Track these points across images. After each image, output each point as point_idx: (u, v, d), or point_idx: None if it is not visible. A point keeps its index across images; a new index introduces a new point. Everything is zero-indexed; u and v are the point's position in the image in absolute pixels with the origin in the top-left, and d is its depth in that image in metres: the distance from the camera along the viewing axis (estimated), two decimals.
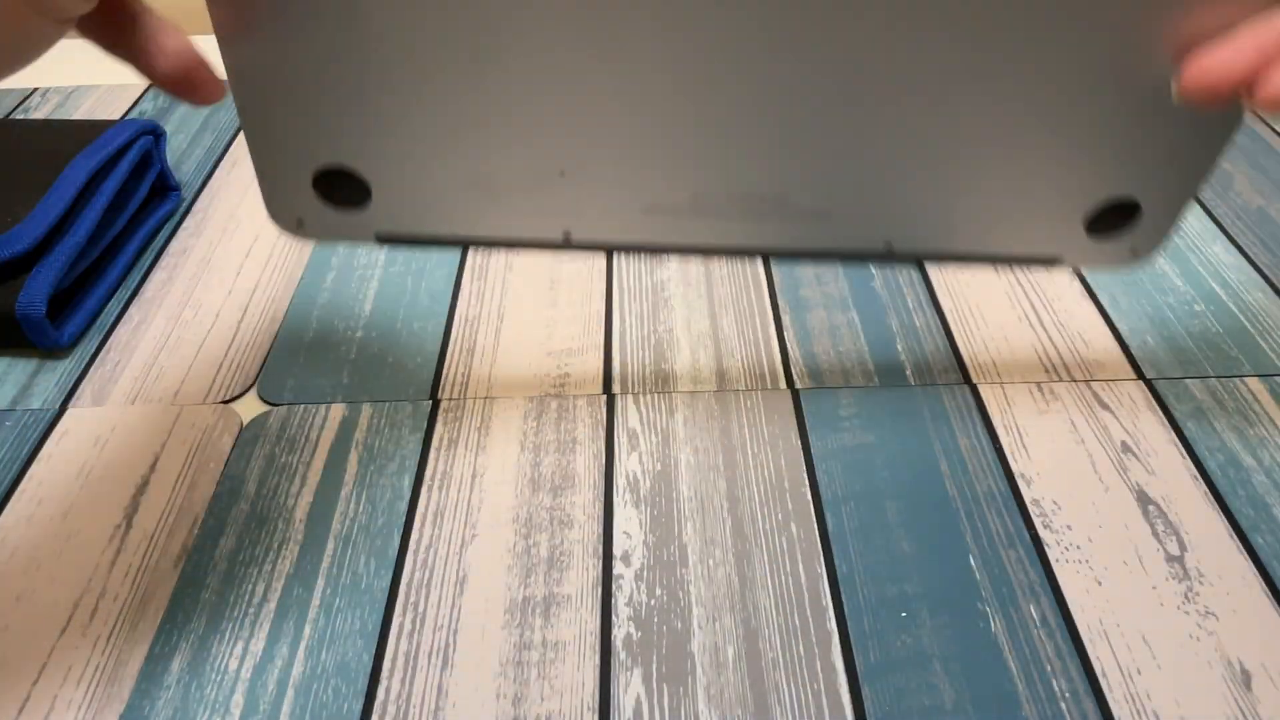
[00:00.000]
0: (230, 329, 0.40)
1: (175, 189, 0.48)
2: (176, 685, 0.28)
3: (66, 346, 0.39)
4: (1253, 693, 0.27)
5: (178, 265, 0.44)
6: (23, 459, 0.34)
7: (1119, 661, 0.28)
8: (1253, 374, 0.37)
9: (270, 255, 0.45)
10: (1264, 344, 0.38)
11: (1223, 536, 0.31)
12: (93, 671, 0.28)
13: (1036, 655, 0.28)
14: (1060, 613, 0.29)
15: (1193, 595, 0.30)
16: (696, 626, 0.29)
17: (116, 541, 0.31)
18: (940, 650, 0.28)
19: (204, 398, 0.37)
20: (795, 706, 0.27)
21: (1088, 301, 0.41)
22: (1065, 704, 0.27)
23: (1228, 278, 0.42)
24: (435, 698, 0.27)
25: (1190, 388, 0.37)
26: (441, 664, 0.28)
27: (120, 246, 0.44)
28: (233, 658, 0.28)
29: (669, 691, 0.27)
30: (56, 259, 0.39)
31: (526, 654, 0.28)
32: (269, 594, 0.30)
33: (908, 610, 0.29)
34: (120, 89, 0.59)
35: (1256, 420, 0.35)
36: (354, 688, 0.28)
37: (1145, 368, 0.38)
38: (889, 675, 0.28)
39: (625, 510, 0.32)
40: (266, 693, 0.27)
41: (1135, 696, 0.27)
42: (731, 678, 0.28)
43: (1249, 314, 0.40)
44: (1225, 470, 0.33)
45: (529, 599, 0.30)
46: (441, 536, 0.32)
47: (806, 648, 0.28)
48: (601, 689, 0.28)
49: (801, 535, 0.31)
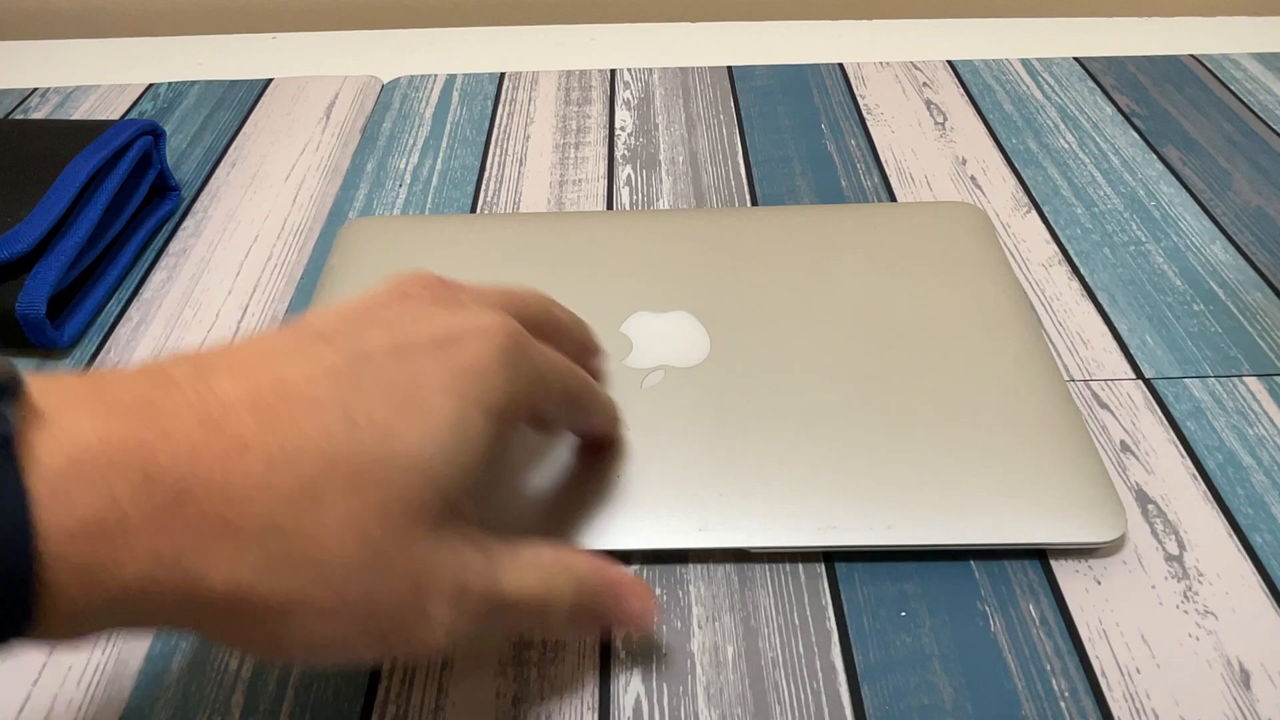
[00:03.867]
0: (230, 329, 0.40)
1: (175, 189, 0.48)
2: (176, 685, 0.28)
3: (66, 346, 0.39)
4: (1252, 692, 0.27)
5: (177, 265, 0.44)
6: None
7: (1118, 661, 0.28)
8: (1252, 374, 0.37)
9: (270, 255, 0.45)
10: (1263, 344, 0.38)
11: (1222, 536, 0.31)
12: (93, 671, 0.28)
13: (1036, 654, 0.28)
14: (1059, 612, 0.29)
15: (1192, 595, 0.30)
16: (696, 626, 0.29)
17: None
18: (940, 649, 0.28)
19: None
20: (795, 706, 0.27)
21: (1087, 301, 0.41)
22: (1065, 703, 0.27)
23: (1226, 277, 0.42)
24: (435, 698, 0.27)
25: (1189, 387, 0.37)
26: (441, 663, 0.28)
27: (120, 246, 0.44)
28: (233, 658, 0.28)
29: (669, 691, 0.27)
30: (56, 259, 0.39)
31: (526, 654, 0.28)
32: None
33: (907, 610, 0.29)
34: (120, 89, 0.59)
35: (1256, 420, 0.35)
36: (354, 687, 0.28)
37: (1144, 367, 0.38)
38: (888, 674, 0.28)
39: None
40: (266, 693, 0.27)
41: (1134, 695, 0.27)
42: (731, 677, 0.28)
43: (1248, 314, 0.40)
44: (1224, 469, 0.33)
45: None
46: None
47: (806, 647, 0.28)
48: (601, 689, 0.28)
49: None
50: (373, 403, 0.21)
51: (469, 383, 0.23)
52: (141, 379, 0.20)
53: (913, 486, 0.31)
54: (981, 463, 0.31)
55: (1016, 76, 0.58)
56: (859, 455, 0.32)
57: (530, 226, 0.43)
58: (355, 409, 0.21)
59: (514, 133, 0.54)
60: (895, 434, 0.32)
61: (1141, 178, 0.49)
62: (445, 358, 0.23)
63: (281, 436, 0.20)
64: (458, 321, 0.24)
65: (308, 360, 0.21)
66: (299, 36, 0.66)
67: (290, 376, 0.21)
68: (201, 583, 0.19)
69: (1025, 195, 0.48)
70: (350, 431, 0.21)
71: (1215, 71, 0.58)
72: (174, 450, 0.19)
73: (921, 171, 0.49)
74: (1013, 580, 0.30)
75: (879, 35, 0.65)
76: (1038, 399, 0.34)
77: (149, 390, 0.20)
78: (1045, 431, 0.32)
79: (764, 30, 0.66)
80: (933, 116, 0.54)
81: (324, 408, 0.21)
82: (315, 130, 0.54)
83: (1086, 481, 0.31)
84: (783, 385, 0.34)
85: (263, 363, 0.21)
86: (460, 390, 0.22)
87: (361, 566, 0.20)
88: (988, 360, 0.35)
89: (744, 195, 0.48)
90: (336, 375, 0.21)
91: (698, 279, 0.39)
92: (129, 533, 0.18)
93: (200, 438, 0.19)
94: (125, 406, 0.19)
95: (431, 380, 0.22)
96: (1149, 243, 0.44)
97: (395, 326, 0.23)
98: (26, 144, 0.44)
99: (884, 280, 0.39)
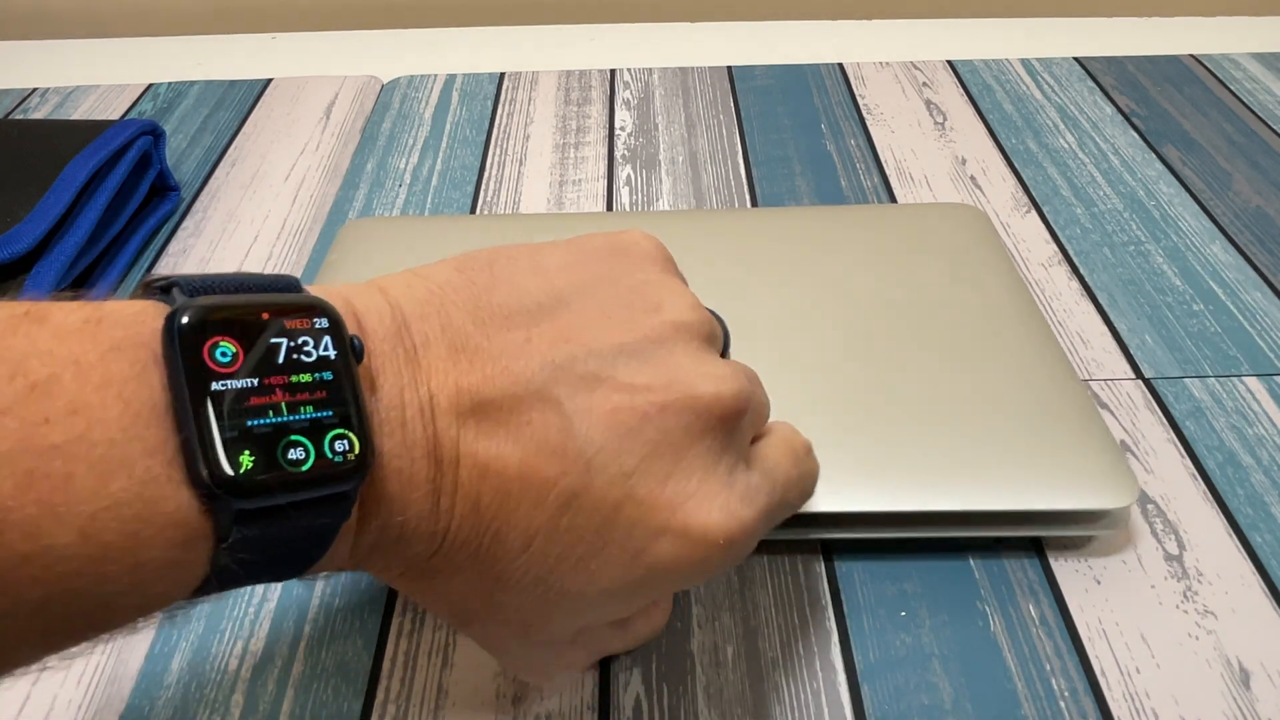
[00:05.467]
0: None
1: (175, 189, 0.48)
2: (176, 685, 0.28)
3: None
4: (1251, 691, 0.27)
5: (178, 265, 0.44)
6: None
7: (1118, 660, 0.28)
8: (1251, 373, 0.37)
9: (270, 255, 0.45)
10: (1262, 343, 0.39)
11: (1221, 536, 0.31)
12: (93, 671, 0.28)
13: (1035, 654, 0.28)
14: (1059, 611, 0.29)
15: (1191, 594, 0.30)
16: (696, 626, 0.29)
17: None
18: (939, 649, 0.28)
19: None
20: (795, 706, 0.27)
21: (1086, 301, 0.41)
22: (1064, 703, 0.27)
23: (1226, 277, 0.42)
24: (435, 697, 0.27)
25: (1189, 387, 0.37)
26: (441, 663, 0.28)
27: (120, 246, 0.44)
28: (233, 658, 0.28)
29: (669, 691, 0.27)
30: (56, 259, 0.39)
31: None
32: (269, 594, 0.30)
33: (907, 609, 0.29)
34: (120, 89, 0.59)
35: (1255, 419, 0.35)
36: (354, 687, 0.28)
37: (1144, 367, 0.38)
38: (888, 674, 0.28)
39: None
40: (266, 693, 0.27)
41: (1134, 695, 0.27)
42: (731, 677, 0.28)
43: (1247, 313, 0.40)
44: (1224, 469, 0.33)
45: None
46: None
47: (806, 647, 0.28)
48: (601, 688, 0.28)
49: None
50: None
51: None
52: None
53: (926, 464, 0.31)
54: (994, 441, 0.31)
55: (1016, 76, 0.58)
56: (869, 436, 0.31)
57: (530, 227, 0.43)
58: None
59: (514, 133, 0.54)
60: (906, 421, 0.32)
61: (1141, 178, 0.49)
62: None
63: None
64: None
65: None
66: (299, 36, 0.66)
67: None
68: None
69: (1025, 195, 0.48)
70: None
71: (1215, 71, 0.58)
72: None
73: (921, 171, 0.49)
74: (1012, 580, 0.30)
75: (879, 35, 0.65)
76: (1047, 384, 0.33)
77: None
78: (1057, 413, 0.32)
79: (764, 30, 0.66)
80: (932, 116, 0.54)
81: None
82: (315, 130, 0.54)
83: (1098, 454, 0.31)
84: (785, 381, 0.34)
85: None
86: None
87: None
88: (996, 352, 0.35)
89: (744, 195, 0.48)
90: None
91: (698, 280, 0.39)
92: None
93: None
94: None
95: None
96: (1149, 243, 0.44)
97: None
98: (26, 144, 0.44)
99: (885, 279, 0.39)
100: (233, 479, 0.17)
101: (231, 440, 0.17)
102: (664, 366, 0.22)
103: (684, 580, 0.23)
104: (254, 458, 0.17)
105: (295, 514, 0.18)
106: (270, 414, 0.17)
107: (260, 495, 0.17)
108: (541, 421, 0.20)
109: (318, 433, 0.18)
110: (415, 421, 0.20)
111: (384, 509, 0.20)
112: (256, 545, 0.17)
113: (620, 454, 0.21)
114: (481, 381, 0.20)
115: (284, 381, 0.18)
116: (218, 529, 0.17)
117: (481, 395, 0.20)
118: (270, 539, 0.18)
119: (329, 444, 0.18)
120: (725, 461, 0.22)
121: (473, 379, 0.20)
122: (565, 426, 0.20)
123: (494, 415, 0.20)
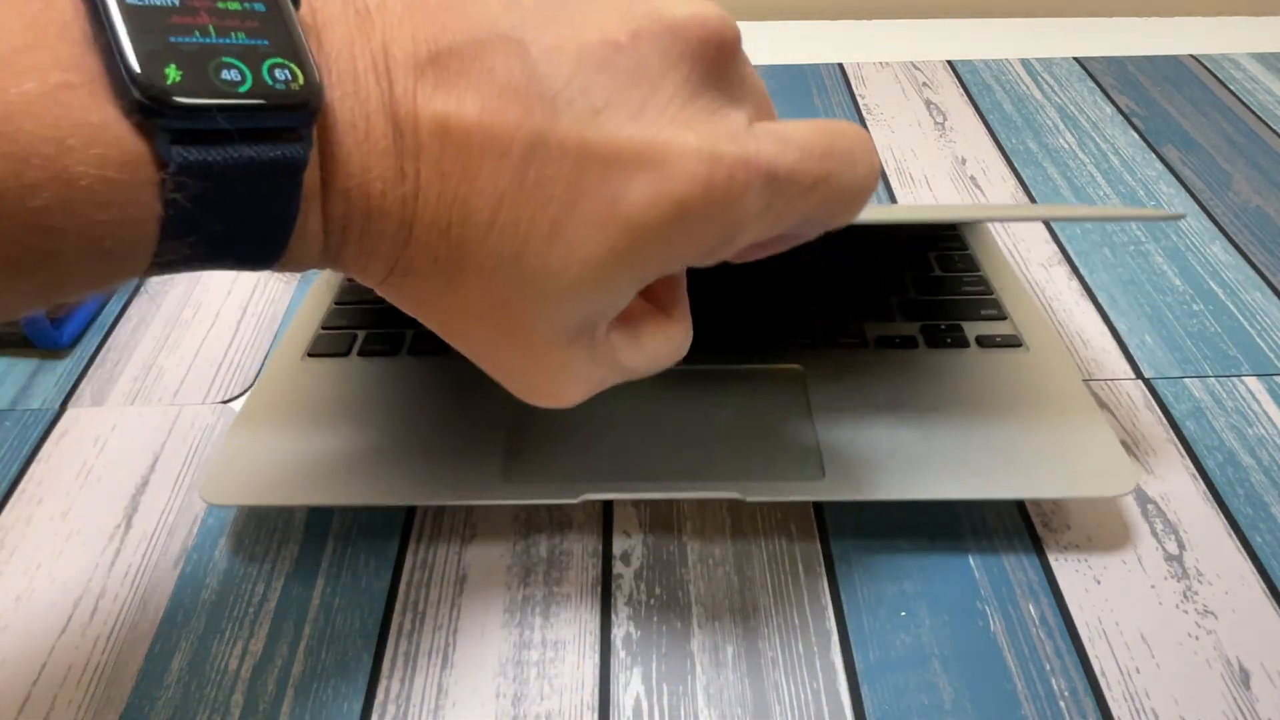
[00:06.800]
0: (230, 329, 0.40)
1: None
2: (176, 685, 0.28)
3: (66, 346, 0.39)
4: (1251, 691, 0.27)
5: None
6: (22, 459, 0.34)
7: (1118, 660, 0.28)
8: (1251, 373, 0.37)
9: None
10: (1262, 343, 0.39)
11: (1221, 536, 0.31)
12: (93, 671, 0.28)
13: (1035, 654, 0.28)
14: (1059, 611, 0.29)
15: (1191, 594, 0.30)
16: (696, 626, 0.29)
17: (116, 541, 0.31)
18: (939, 649, 0.28)
19: (203, 398, 0.37)
20: (795, 706, 0.27)
21: (1086, 301, 0.41)
22: (1064, 703, 0.27)
23: (1226, 277, 0.42)
24: (435, 697, 0.27)
25: (1189, 387, 0.37)
26: (441, 663, 0.28)
27: None
28: (233, 658, 0.28)
29: (669, 690, 0.27)
30: None
31: (526, 653, 0.28)
32: (269, 594, 0.30)
33: (907, 609, 0.29)
34: None
35: (1255, 420, 0.35)
36: (354, 687, 0.28)
37: (1144, 367, 0.38)
38: (888, 674, 0.28)
39: (625, 509, 0.32)
40: (266, 693, 0.27)
41: (1134, 695, 0.27)
42: (731, 677, 0.28)
43: (1247, 313, 0.40)
44: (1224, 469, 0.33)
45: (528, 598, 0.30)
46: (441, 535, 0.32)
47: (806, 647, 0.28)
48: (601, 688, 0.28)
49: (799, 533, 0.31)
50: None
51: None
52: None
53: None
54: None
55: (1016, 76, 0.58)
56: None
57: None
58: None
59: None
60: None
61: (1141, 178, 0.49)
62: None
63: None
64: None
65: None
66: None
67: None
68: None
69: (1025, 195, 0.48)
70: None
71: (1215, 71, 0.58)
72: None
73: (921, 171, 0.49)
74: (1013, 580, 0.30)
75: (879, 35, 0.65)
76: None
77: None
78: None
79: (764, 30, 0.66)
80: (932, 116, 0.54)
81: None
82: None
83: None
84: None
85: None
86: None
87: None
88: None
89: None
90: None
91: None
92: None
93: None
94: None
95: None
96: (1148, 243, 0.44)
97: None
98: None
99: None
100: (159, 87, 0.15)
101: (154, 52, 0.16)
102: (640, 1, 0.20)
103: (665, 244, 0.20)
104: (182, 72, 0.16)
105: (242, 142, 0.17)
106: (196, 34, 0.16)
107: (195, 113, 0.16)
108: (505, 67, 0.19)
109: (253, 58, 0.17)
110: (368, 75, 0.18)
111: (344, 171, 0.19)
112: (202, 174, 0.16)
113: (588, 89, 0.19)
114: (440, 30, 0.19)
115: (209, 6, 0.17)
116: (156, 152, 0.16)
117: (440, 44, 0.19)
118: (219, 172, 0.17)
119: (267, 71, 0.17)
120: (709, 96, 0.20)
121: (431, 28, 0.19)
122: (529, 69, 0.19)
123: (453, 65, 0.19)
